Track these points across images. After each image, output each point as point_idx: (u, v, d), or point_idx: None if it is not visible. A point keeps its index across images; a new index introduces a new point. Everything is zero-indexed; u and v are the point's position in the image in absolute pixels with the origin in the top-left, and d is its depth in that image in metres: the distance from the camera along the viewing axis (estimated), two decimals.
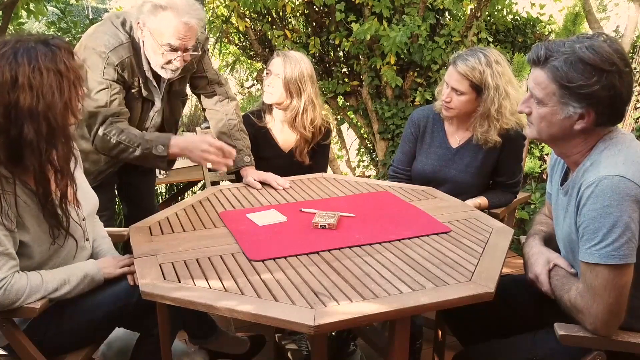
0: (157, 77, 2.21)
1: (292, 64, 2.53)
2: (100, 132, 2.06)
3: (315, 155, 2.73)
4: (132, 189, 2.56)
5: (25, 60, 1.45)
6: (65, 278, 1.60)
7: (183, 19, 2.02)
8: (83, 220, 1.72)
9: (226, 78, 2.63)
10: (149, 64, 2.15)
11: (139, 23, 2.07)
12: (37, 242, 1.58)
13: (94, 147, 2.11)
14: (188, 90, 2.53)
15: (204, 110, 2.56)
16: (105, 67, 2.04)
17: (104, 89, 2.05)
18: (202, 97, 2.51)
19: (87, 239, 1.76)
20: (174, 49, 2.06)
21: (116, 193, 2.60)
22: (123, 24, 2.12)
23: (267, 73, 2.59)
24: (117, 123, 2.07)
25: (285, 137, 2.69)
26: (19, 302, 1.52)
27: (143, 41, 2.10)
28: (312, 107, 2.60)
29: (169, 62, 2.10)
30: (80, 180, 1.79)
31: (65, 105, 1.50)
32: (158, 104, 2.30)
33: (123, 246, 2.04)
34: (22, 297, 1.52)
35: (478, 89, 2.23)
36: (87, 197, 1.78)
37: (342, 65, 4.69)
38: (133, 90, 2.17)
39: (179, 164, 3.72)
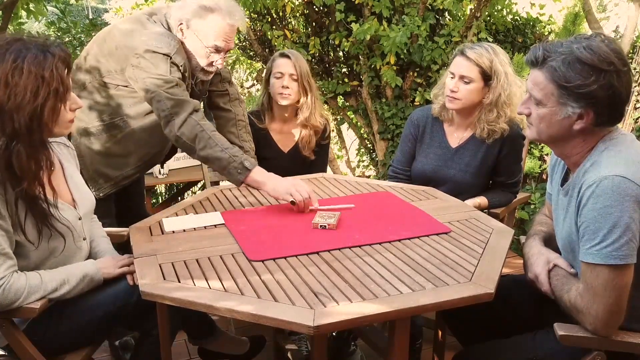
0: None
1: (299, 61, 2.56)
2: (193, 120, 1.97)
3: (315, 155, 2.73)
4: (123, 192, 2.53)
5: (11, 58, 1.44)
6: (64, 278, 1.60)
7: (230, 20, 2.05)
8: (79, 219, 1.71)
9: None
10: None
11: (181, 24, 2.06)
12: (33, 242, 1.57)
13: (173, 134, 2.00)
14: None
15: (211, 108, 2.53)
16: (171, 67, 2.01)
17: (175, 85, 2.00)
18: (213, 94, 2.48)
19: (84, 239, 1.75)
20: (219, 50, 2.09)
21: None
22: (162, 25, 2.08)
23: (277, 77, 2.56)
24: (205, 120, 2.01)
25: (284, 137, 2.69)
26: (18, 302, 1.51)
27: (182, 42, 2.09)
28: (318, 101, 2.66)
29: (211, 63, 2.11)
30: (76, 179, 1.78)
31: (35, 110, 1.46)
32: None
33: (121, 246, 2.03)
34: (21, 297, 1.52)
35: (487, 77, 2.24)
36: (83, 196, 1.77)
37: (342, 65, 4.69)
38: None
39: (178, 164, 3.73)
